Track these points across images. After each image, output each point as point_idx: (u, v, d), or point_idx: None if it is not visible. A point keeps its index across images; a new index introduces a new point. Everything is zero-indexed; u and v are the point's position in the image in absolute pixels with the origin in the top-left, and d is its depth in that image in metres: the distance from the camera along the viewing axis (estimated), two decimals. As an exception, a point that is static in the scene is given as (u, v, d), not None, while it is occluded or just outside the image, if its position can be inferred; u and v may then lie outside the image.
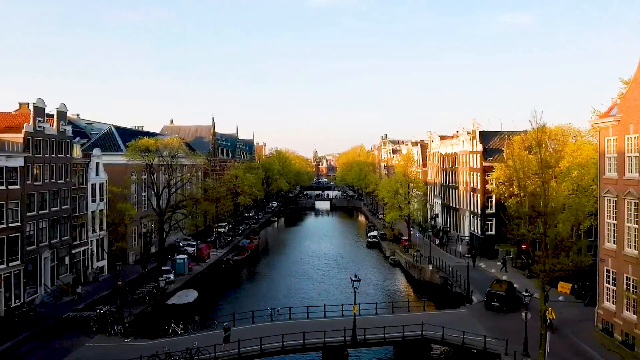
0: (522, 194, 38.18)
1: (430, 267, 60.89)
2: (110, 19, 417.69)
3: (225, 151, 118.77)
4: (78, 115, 74.80)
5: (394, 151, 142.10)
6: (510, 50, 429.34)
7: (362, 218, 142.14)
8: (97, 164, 57.88)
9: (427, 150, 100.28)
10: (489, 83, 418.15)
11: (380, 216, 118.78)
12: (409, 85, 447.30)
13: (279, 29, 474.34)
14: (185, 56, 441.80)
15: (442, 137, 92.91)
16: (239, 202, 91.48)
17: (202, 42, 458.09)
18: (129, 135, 68.27)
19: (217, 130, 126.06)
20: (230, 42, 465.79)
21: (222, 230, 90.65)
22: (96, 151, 57.67)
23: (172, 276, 55.96)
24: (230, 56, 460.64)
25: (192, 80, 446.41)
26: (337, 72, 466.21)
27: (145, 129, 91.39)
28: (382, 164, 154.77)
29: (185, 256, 61.40)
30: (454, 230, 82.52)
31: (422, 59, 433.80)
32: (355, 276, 32.94)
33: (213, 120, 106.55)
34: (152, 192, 55.62)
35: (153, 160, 54.43)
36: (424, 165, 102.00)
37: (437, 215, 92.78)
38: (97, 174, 57.57)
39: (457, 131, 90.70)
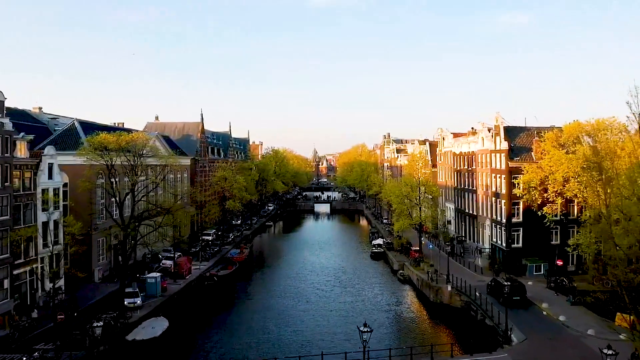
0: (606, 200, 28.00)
1: (449, 288, 51.25)
2: (110, 19, 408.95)
3: (216, 150, 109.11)
4: (40, 108, 65.11)
5: (398, 150, 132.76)
6: (510, 50, 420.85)
7: (364, 222, 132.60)
8: (51, 164, 48.15)
9: (438, 149, 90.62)
10: (489, 83, 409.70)
11: (384, 221, 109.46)
12: (409, 85, 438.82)
13: (279, 29, 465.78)
14: (185, 56, 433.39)
15: (456, 135, 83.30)
16: (228, 208, 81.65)
17: (202, 42, 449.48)
18: (98, 131, 58.46)
19: (210, 128, 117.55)
20: (230, 42, 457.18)
21: (209, 238, 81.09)
22: (49, 150, 47.96)
23: (138, 300, 46.37)
24: (230, 56, 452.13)
25: (191, 80, 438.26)
26: (337, 72, 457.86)
27: (127, 126, 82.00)
28: (385, 164, 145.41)
29: (158, 274, 51.70)
30: (470, 239, 72.88)
31: (422, 59, 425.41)
32: (365, 325, 23.36)
33: (202, 117, 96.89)
34: (114, 200, 45.84)
35: (115, 161, 44.69)
36: (434, 165, 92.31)
37: (449, 222, 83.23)
38: (50, 177, 47.86)
39: (472, 128, 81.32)
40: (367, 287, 58.69)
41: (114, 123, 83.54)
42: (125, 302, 45.57)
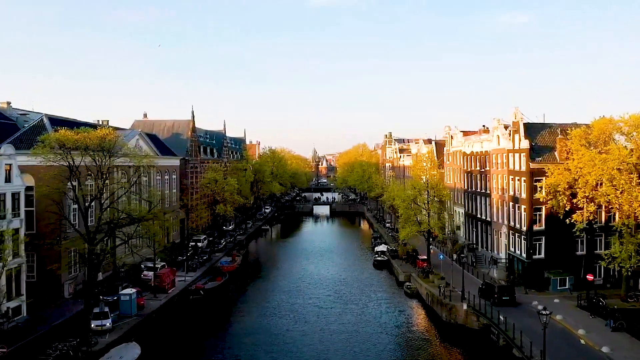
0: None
1: (465, 306, 45.06)
2: (110, 19, 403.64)
3: (209, 150, 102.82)
4: (9, 103, 58.97)
5: (401, 150, 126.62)
6: (510, 50, 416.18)
7: (365, 226, 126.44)
8: (10, 166, 41.91)
9: (445, 148, 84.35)
10: (489, 83, 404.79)
11: (387, 224, 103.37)
12: (409, 85, 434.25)
13: (279, 29, 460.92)
14: (185, 56, 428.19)
15: (465, 133, 77.15)
16: (218, 212, 75.33)
17: (202, 42, 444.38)
18: (70, 128, 52.16)
19: (209, 127, 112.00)
20: (230, 42, 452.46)
21: (200, 245, 74.88)
22: (5, 149, 41.65)
23: (108, 323, 40.15)
24: (230, 56, 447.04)
25: (192, 80, 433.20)
26: (337, 72, 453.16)
27: (113, 124, 75.74)
28: (387, 165, 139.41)
29: (133, 290, 45.36)
30: (482, 247, 66.65)
31: (422, 59, 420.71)
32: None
33: (192, 114, 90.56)
34: (77, 207, 39.59)
35: (80, 161, 38.46)
36: (441, 166, 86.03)
37: (458, 228, 77.03)
38: (7, 180, 41.59)
39: (484, 125, 75.40)
40: (372, 304, 52.30)
41: (98, 121, 77.27)
42: (92, 325, 39.46)
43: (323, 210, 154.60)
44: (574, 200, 45.90)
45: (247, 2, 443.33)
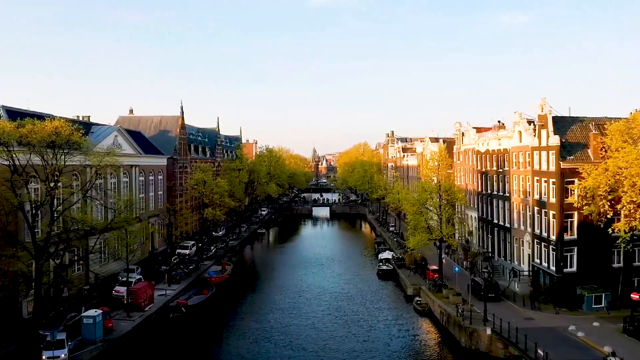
0: None
1: (488, 331, 38.30)
2: (110, 19, 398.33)
3: (201, 149, 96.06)
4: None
5: (404, 149, 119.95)
6: (510, 50, 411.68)
7: (367, 229, 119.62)
8: (-51, 165, 35.17)
9: (455, 147, 77.56)
10: (489, 83, 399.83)
11: (391, 228, 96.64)
12: (409, 85, 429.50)
13: (279, 29, 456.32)
14: (185, 56, 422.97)
15: (478, 130, 70.41)
16: (207, 217, 68.49)
17: (202, 42, 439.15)
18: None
19: (204, 127, 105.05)
20: (230, 42, 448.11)
21: (187, 252, 68.17)
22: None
23: (63, 354, 33.34)
24: (230, 56, 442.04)
25: (192, 80, 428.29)
26: (337, 72, 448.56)
27: (98, 120, 69.21)
28: (389, 164, 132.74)
29: (99, 312, 38.44)
30: (499, 256, 59.85)
31: (422, 59, 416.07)
32: None
33: (181, 109, 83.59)
34: (23, 215, 32.70)
35: (27, 160, 31.66)
36: (450, 166, 79.24)
37: (470, 234, 70.16)
38: (-54, 182, 34.87)
39: (499, 121, 68.64)
40: (379, 325, 45.19)
41: (77, 116, 70.55)
42: (44, 357, 32.72)
43: (323, 212, 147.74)
44: (618, 207, 39.18)
45: (247, 2, 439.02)
